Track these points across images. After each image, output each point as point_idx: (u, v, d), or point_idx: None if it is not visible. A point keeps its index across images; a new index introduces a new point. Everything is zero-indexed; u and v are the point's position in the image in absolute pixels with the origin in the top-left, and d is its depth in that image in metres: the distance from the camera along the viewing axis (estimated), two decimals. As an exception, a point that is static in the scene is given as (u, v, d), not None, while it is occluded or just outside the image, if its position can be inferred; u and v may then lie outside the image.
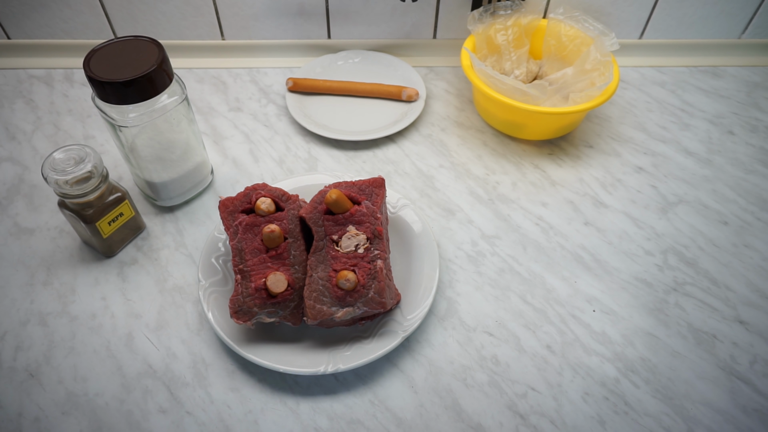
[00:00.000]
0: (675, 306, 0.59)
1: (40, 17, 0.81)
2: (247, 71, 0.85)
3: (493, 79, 0.68)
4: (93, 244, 0.61)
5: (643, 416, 0.51)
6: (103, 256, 0.62)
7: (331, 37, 0.85)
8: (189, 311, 0.58)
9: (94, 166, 0.55)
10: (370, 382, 0.53)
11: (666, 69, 0.85)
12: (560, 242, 0.64)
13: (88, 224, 0.57)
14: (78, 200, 0.56)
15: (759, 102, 0.80)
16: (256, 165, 0.72)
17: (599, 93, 0.67)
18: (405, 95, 0.78)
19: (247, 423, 0.51)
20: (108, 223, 0.59)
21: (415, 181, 0.70)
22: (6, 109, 0.79)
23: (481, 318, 0.58)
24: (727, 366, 0.55)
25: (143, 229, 0.65)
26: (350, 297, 0.51)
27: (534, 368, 0.54)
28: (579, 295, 0.59)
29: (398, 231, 0.62)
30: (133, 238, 0.64)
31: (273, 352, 0.53)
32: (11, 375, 0.53)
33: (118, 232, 0.61)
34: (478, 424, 0.51)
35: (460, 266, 0.62)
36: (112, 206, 0.59)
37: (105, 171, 0.57)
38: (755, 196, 0.69)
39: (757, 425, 0.51)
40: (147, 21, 0.82)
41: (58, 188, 0.54)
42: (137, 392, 0.52)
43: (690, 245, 0.64)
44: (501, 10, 0.76)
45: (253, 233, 0.53)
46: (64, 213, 0.58)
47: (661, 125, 0.77)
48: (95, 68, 0.54)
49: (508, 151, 0.74)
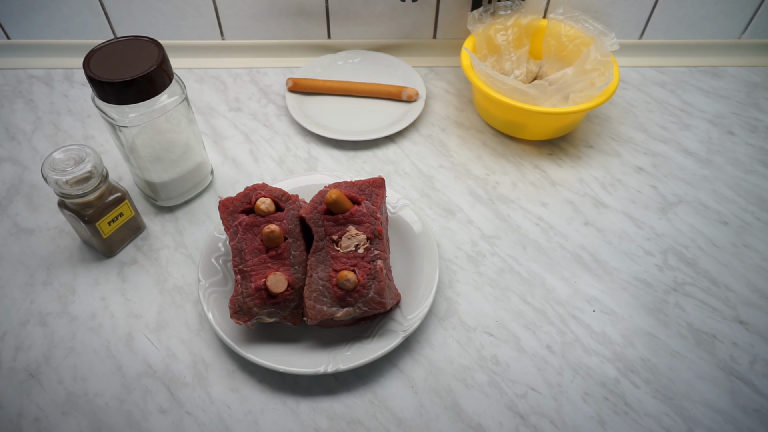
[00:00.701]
0: (675, 306, 0.59)
1: (40, 17, 0.81)
2: (247, 71, 0.85)
3: (493, 79, 0.68)
4: (93, 244, 0.61)
5: (643, 416, 0.51)
6: (103, 256, 0.62)
7: (331, 37, 0.85)
8: (189, 311, 0.58)
9: (94, 166, 0.55)
10: (370, 382, 0.53)
11: (666, 69, 0.85)
12: (560, 242, 0.64)
13: (88, 224, 0.57)
14: (78, 200, 0.56)
15: (759, 102, 0.80)
16: (256, 165, 0.72)
17: (599, 93, 0.67)
18: (405, 95, 0.78)
19: (247, 423, 0.51)
20: (108, 223, 0.59)
21: (415, 181, 0.70)
22: (6, 109, 0.79)
23: (481, 318, 0.58)
24: (727, 366, 0.55)
25: (143, 229, 0.65)
26: (350, 297, 0.51)
27: (534, 368, 0.54)
28: (579, 295, 0.59)
29: (398, 231, 0.62)
30: (133, 238, 0.64)
31: (273, 352, 0.53)
32: (11, 375, 0.53)
33: (118, 232, 0.61)
34: (478, 424, 0.51)
35: (460, 266, 0.62)
36: (112, 206, 0.59)
37: (105, 171, 0.57)
38: (755, 196, 0.69)
39: (757, 425, 0.51)
40: (147, 21, 0.82)
41: (58, 188, 0.54)
42: (137, 392, 0.52)
43: (690, 245, 0.64)
44: (501, 10, 0.76)
45: (253, 233, 0.53)
46: (64, 213, 0.58)
47: (661, 125, 0.77)
48: (95, 68, 0.54)
49: (508, 151, 0.74)
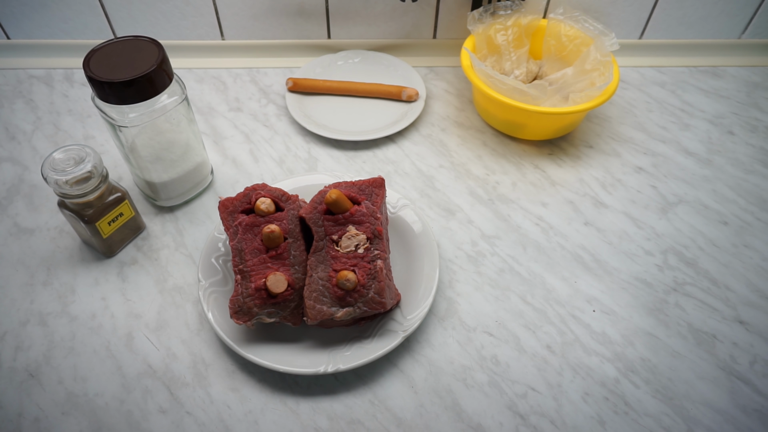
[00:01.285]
0: (675, 306, 0.59)
1: (40, 17, 0.81)
2: (247, 71, 0.85)
3: (493, 79, 0.68)
4: (93, 244, 0.61)
5: (643, 416, 0.51)
6: (103, 256, 0.62)
7: (331, 37, 0.85)
8: (189, 311, 0.58)
9: (93, 166, 0.55)
10: (370, 382, 0.53)
11: (666, 69, 0.85)
12: (560, 242, 0.64)
13: (88, 224, 0.57)
14: (78, 200, 0.56)
15: (759, 102, 0.80)
16: (256, 165, 0.72)
17: (599, 93, 0.67)
18: (405, 95, 0.78)
19: (247, 423, 0.51)
20: (108, 223, 0.59)
21: (415, 181, 0.70)
22: (6, 109, 0.79)
23: (481, 318, 0.58)
24: (727, 366, 0.55)
25: (143, 229, 0.65)
26: (350, 297, 0.51)
27: (534, 368, 0.54)
28: (579, 295, 0.59)
29: (398, 231, 0.62)
30: (133, 238, 0.64)
31: (273, 352, 0.53)
32: (11, 375, 0.53)
33: (118, 232, 0.61)
34: (478, 425, 0.51)
35: (460, 266, 0.62)
36: (112, 206, 0.59)
37: (105, 171, 0.57)
38: (755, 196, 0.69)
39: (757, 425, 0.51)
40: (147, 21, 0.82)
41: (58, 188, 0.54)
42: (137, 392, 0.52)
43: (690, 245, 0.64)
44: (501, 10, 0.76)
45: (252, 233, 0.53)
46: (64, 213, 0.58)
47: (661, 125, 0.77)
48: (95, 68, 0.54)
49: (508, 151, 0.74)
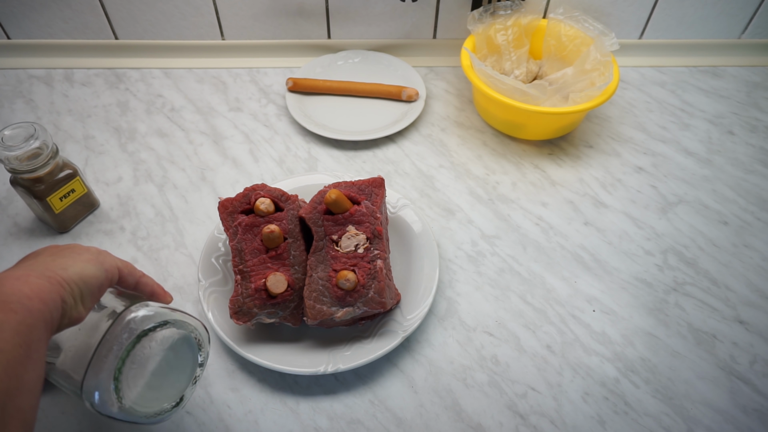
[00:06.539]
0: (675, 306, 0.59)
1: (40, 17, 0.81)
2: (247, 71, 0.85)
3: (493, 79, 0.68)
4: (46, 220, 0.63)
5: (643, 416, 0.51)
6: (57, 232, 0.64)
7: (331, 37, 0.85)
8: (189, 311, 0.58)
9: (43, 142, 0.56)
10: (370, 382, 0.53)
11: (666, 69, 0.85)
12: (560, 242, 0.64)
13: (39, 200, 0.59)
14: (28, 175, 0.57)
15: (759, 102, 0.80)
16: (256, 165, 0.72)
17: (599, 93, 0.67)
18: (405, 95, 0.78)
19: (247, 423, 0.51)
20: (59, 199, 0.60)
21: (415, 181, 0.70)
22: (6, 109, 0.79)
23: (481, 318, 0.58)
24: (727, 366, 0.55)
25: (97, 206, 0.67)
26: (350, 297, 0.51)
27: (534, 368, 0.54)
28: (579, 295, 0.59)
29: (398, 231, 0.62)
30: (87, 214, 0.66)
31: (273, 352, 0.53)
32: (11, 375, 0.53)
33: (71, 208, 0.63)
34: (478, 424, 0.51)
35: (460, 266, 0.62)
36: (63, 182, 0.60)
37: (55, 147, 0.59)
38: (755, 196, 0.69)
39: (757, 425, 0.51)
40: (147, 21, 0.82)
41: (9, 164, 0.56)
42: (137, 392, 0.52)
43: (690, 245, 0.64)
44: (501, 10, 0.76)
45: (252, 234, 0.53)
46: (17, 190, 0.60)
47: (661, 125, 0.77)
48: None
49: (508, 151, 0.74)
